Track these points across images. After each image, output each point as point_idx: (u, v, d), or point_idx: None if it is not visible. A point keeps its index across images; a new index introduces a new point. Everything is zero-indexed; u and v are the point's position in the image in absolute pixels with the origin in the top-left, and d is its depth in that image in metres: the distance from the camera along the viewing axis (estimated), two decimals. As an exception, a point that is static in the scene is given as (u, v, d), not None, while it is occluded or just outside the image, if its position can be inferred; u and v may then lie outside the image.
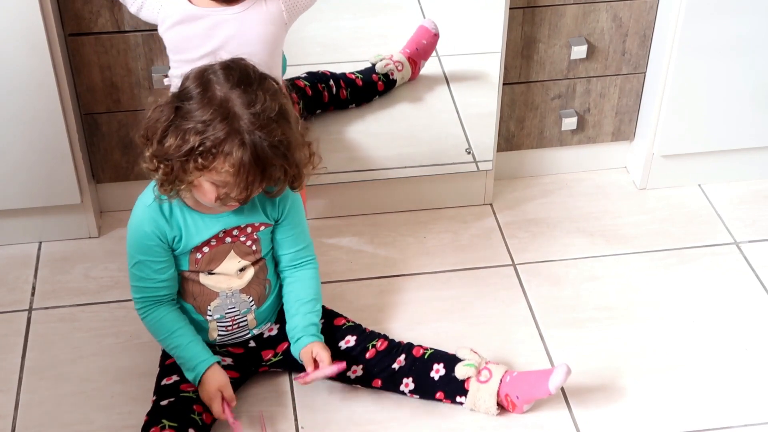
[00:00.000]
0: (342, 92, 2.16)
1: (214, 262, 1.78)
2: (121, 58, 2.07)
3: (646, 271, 2.18)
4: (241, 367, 1.86)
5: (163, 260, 1.74)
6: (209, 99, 1.59)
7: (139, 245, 1.73)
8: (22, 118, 2.02)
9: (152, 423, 1.72)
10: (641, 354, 1.98)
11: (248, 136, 1.57)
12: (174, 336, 1.77)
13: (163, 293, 1.77)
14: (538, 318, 2.06)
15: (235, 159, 1.56)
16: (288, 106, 1.64)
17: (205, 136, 1.57)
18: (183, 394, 1.77)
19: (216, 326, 1.84)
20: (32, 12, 1.90)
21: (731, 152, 2.39)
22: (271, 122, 1.59)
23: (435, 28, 2.14)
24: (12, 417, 1.85)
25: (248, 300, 1.83)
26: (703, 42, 2.17)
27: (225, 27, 1.77)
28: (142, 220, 1.72)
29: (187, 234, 1.73)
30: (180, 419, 1.72)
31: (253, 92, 1.59)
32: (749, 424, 1.85)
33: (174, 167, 1.60)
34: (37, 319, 2.05)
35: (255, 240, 1.79)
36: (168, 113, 1.60)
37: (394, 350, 1.86)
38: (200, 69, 1.63)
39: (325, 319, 1.89)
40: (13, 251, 2.21)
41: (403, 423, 1.84)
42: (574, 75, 2.28)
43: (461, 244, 2.25)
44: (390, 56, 2.17)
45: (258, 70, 1.65)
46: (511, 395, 1.81)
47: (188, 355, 1.77)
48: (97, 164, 2.21)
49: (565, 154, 2.42)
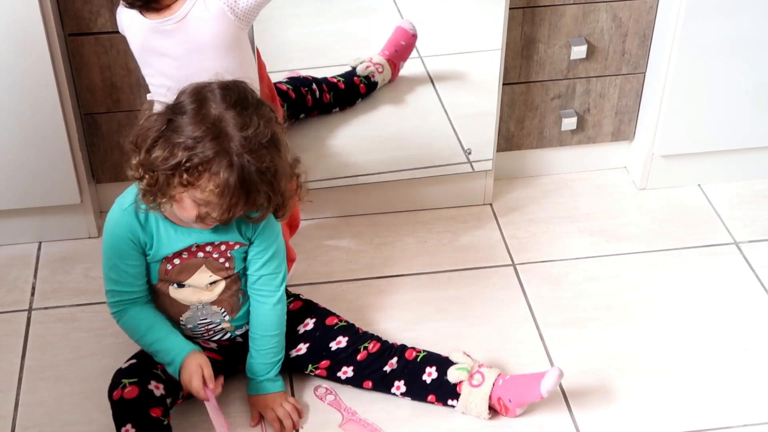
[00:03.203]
0: (325, 96, 2.15)
1: (184, 274, 1.76)
2: (121, 58, 2.07)
3: (646, 271, 2.18)
4: (225, 353, 1.86)
5: (138, 263, 1.74)
6: (203, 116, 1.57)
7: (115, 248, 1.72)
8: (21, 118, 2.02)
9: (114, 386, 1.74)
10: (641, 354, 1.98)
11: (237, 159, 1.55)
12: (152, 331, 1.77)
13: (139, 293, 1.77)
14: (538, 318, 2.06)
15: (221, 180, 1.55)
16: (280, 135, 1.63)
17: (194, 152, 1.55)
18: (146, 354, 1.79)
19: (191, 333, 1.84)
20: (32, 12, 1.90)
21: (731, 152, 2.39)
22: (261, 148, 1.57)
23: (413, 28, 2.13)
24: (12, 417, 1.85)
25: (220, 311, 1.82)
26: (703, 42, 2.17)
27: (173, 36, 1.75)
28: (117, 223, 1.71)
29: (159, 243, 1.72)
30: (139, 374, 1.73)
31: (248, 116, 1.58)
32: (749, 424, 1.85)
33: (158, 179, 1.59)
34: (37, 319, 2.05)
35: (228, 258, 1.77)
36: (160, 124, 1.59)
37: (387, 353, 1.86)
38: (198, 85, 1.62)
39: (316, 318, 1.89)
40: (13, 251, 2.21)
41: (402, 423, 1.84)
42: (574, 75, 2.28)
43: (461, 244, 2.25)
44: (369, 59, 2.16)
45: (257, 96, 1.64)
46: (504, 399, 1.81)
47: (167, 347, 1.76)
48: (96, 164, 2.21)
49: (565, 154, 2.42)
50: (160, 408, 1.73)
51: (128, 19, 1.76)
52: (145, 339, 1.77)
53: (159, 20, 1.72)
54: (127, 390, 1.72)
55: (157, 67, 1.78)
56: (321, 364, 1.86)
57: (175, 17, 1.71)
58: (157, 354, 1.77)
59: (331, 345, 1.86)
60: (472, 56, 2.15)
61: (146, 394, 1.72)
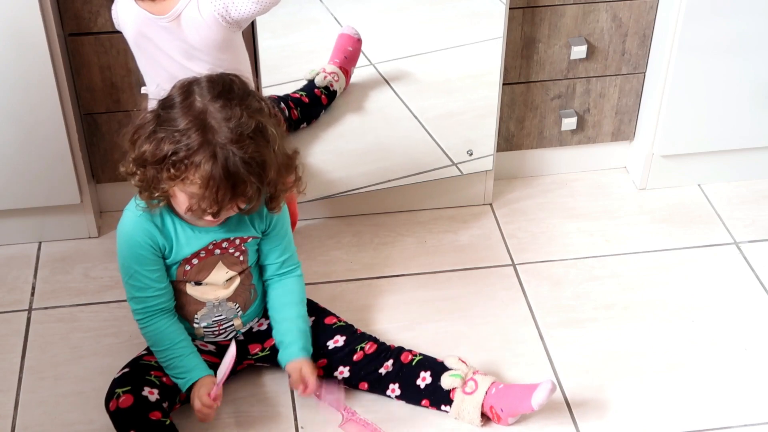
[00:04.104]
0: (293, 113, 2.12)
1: (202, 273, 1.77)
2: (120, 58, 2.07)
3: (646, 271, 2.18)
4: (223, 355, 1.86)
5: (158, 267, 1.74)
6: (187, 109, 1.58)
7: (134, 256, 1.71)
8: (21, 118, 2.02)
9: (109, 398, 1.74)
10: (641, 354, 1.98)
11: (220, 150, 1.55)
12: (175, 348, 1.77)
13: (163, 300, 1.76)
14: (538, 318, 2.06)
15: (204, 171, 1.55)
16: (268, 124, 1.62)
17: (179, 145, 1.56)
18: (142, 362, 1.79)
19: (203, 332, 1.84)
20: (32, 12, 1.90)
21: (731, 152, 2.39)
22: (246, 138, 1.57)
23: (356, 33, 2.11)
24: (12, 417, 1.85)
25: (235, 307, 1.83)
26: (703, 42, 2.17)
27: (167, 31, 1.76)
28: (134, 229, 1.71)
29: (178, 245, 1.72)
30: (133, 382, 1.74)
31: (233, 107, 1.58)
32: (749, 424, 1.85)
33: (148, 174, 1.60)
34: (37, 319, 2.05)
35: (243, 251, 1.79)
36: (151, 119, 1.60)
37: (383, 354, 1.86)
38: (187, 79, 1.63)
39: (315, 317, 1.90)
40: (13, 251, 2.21)
41: (402, 423, 1.84)
42: (574, 75, 2.28)
43: (461, 244, 2.25)
44: (323, 69, 2.15)
45: (245, 86, 1.64)
46: (496, 408, 1.80)
47: (185, 364, 1.77)
48: (96, 164, 2.21)
49: (565, 154, 2.42)
50: (158, 411, 1.72)
51: (124, 10, 1.77)
52: (166, 353, 1.77)
53: (154, 16, 1.73)
54: (122, 399, 1.72)
55: (151, 54, 1.79)
56: (318, 363, 1.86)
57: (169, 16, 1.73)
58: (172, 368, 1.77)
59: (328, 344, 1.86)
60: (472, 56, 2.15)
61: (141, 400, 1.72)
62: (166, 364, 1.77)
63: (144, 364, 1.79)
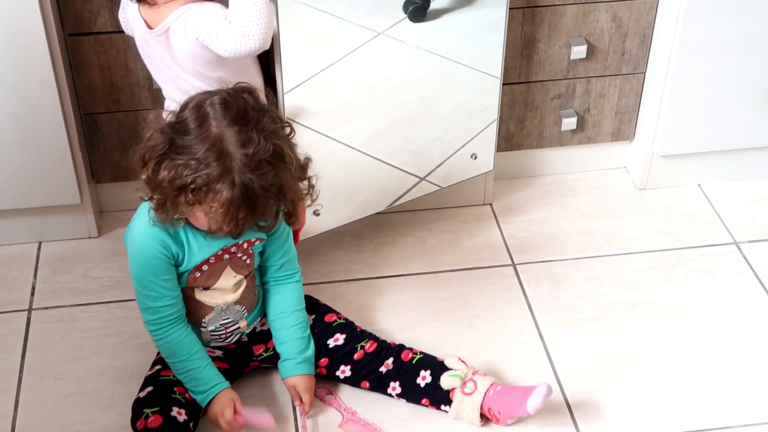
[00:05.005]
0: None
1: (212, 279, 1.77)
2: (120, 58, 2.07)
3: (646, 271, 2.18)
4: (231, 360, 1.87)
5: (171, 276, 1.73)
6: (204, 135, 1.57)
7: (148, 266, 1.70)
8: (21, 118, 2.02)
9: (136, 417, 1.73)
10: (641, 354, 1.98)
11: (239, 177, 1.55)
12: (191, 359, 1.76)
13: (176, 309, 1.76)
14: (538, 318, 2.06)
15: (224, 198, 1.55)
16: (284, 145, 1.61)
17: (198, 174, 1.55)
18: (161, 378, 1.78)
19: (210, 336, 1.84)
20: (32, 12, 1.90)
21: (731, 152, 2.39)
22: (263, 164, 1.57)
23: None
24: (12, 417, 1.85)
25: (241, 309, 1.83)
26: (703, 42, 2.17)
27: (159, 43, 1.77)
28: (146, 240, 1.69)
29: (190, 252, 1.72)
30: (161, 402, 1.73)
31: (249, 131, 1.57)
32: (749, 424, 1.85)
33: (166, 199, 1.59)
34: (37, 319, 2.05)
35: (250, 255, 1.79)
36: (163, 142, 1.58)
37: (383, 353, 1.86)
38: (199, 100, 1.60)
39: (315, 315, 1.90)
40: (13, 251, 2.21)
41: (402, 423, 1.84)
42: (574, 75, 2.28)
43: (461, 244, 2.25)
44: None
45: (259, 105, 1.63)
46: (494, 410, 1.80)
47: (203, 377, 1.76)
48: (96, 164, 2.20)
49: (565, 154, 2.42)
50: None
51: (132, 15, 1.81)
52: (183, 364, 1.76)
53: (147, 29, 1.77)
54: (151, 420, 1.71)
55: (154, 62, 1.82)
56: (320, 362, 1.86)
57: (159, 29, 1.75)
58: (190, 380, 1.77)
59: (329, 342, 1.87)
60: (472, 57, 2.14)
61: (170, 421, 1.71)
62: (183, 376, 1.77)
63: (165, 381, 1.78)
